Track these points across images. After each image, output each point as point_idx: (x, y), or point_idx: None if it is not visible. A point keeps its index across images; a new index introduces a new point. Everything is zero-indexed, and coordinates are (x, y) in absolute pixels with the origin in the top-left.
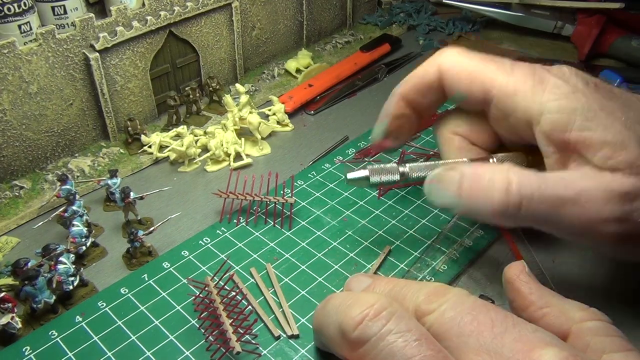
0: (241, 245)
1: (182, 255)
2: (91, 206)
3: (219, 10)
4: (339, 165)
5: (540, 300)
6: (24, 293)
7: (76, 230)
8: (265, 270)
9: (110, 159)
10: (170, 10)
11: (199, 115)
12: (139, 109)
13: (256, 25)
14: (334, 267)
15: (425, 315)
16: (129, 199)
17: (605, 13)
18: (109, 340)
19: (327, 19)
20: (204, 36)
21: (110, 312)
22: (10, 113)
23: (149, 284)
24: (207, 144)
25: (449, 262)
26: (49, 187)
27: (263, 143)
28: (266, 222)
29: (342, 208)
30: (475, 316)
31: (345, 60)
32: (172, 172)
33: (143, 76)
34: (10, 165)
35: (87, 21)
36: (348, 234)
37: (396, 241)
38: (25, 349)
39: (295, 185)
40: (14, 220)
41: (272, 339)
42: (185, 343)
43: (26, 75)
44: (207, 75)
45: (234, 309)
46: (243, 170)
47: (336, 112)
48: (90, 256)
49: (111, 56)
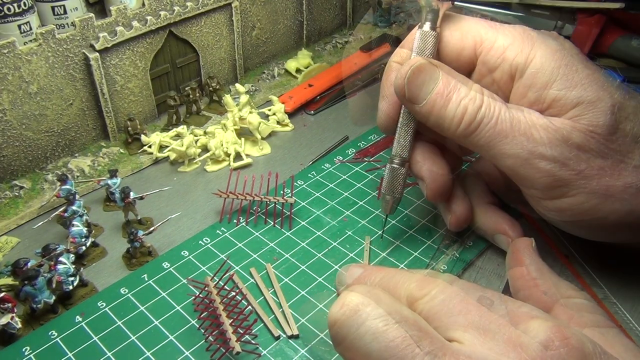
0: (241, 245)
1: (182, 255)
2: (91, 206)
3: (219, 10)
4: (339, 165)
5: (537, 271)
6: (23, 293)
7: (76, 230)
8: (265, 271)
9: (110, 159)
10: (170, 10)
11: (199, 115)
12: (139, 109)
13: (256, 25)
14: (334, 267)
15: (417, 300)
16: (128, 199)
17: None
18: (108, 340)
19: (327, 19)
20: (204, 36)
21: (110, 312)
22: (10, 113)
23: (148, 284)
24: (207, 144)
25: (449, 262)
26: (49, 187)
27: (263, 143)
28: (266, 222)
29: (342, 208)
30: (464, 297)
31: (345, 60)
32: (172, 172)
33: (143, 76)
34: (10, 165)
35: (87, 21)
36: (348, 234)
37: (396, 241)
38: (25, 349)
39: (295, 185)
40: (14, 220)
41: (272, 339)
42: (185, 343)
43: (26, 75)
44: (207, 75)
45: (233, 309)
46: (243, 170)
47: (336, 112)
48: (90, 256)
49: (111, 56)
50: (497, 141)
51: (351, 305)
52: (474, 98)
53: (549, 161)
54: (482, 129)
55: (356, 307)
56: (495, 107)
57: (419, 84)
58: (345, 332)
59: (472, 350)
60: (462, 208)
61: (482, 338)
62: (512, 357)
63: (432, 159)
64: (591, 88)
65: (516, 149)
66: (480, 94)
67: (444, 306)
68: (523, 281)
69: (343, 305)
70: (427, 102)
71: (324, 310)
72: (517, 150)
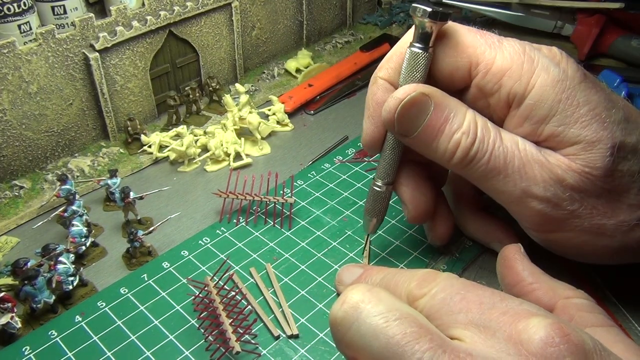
0: (241, 245)
1: (182, 255)
2: (91, 206)
3: (218, 10)
4: (339, 165)
5: (531, 276)
6: (23, 293)
7: (76, 230)
8: (265, 270)
9: (110, 159)
10: (170, 10)
11: (198, 115)
12: (139, 108)
13: (256, 25)
14: (333, 267)
15: (418, 299)
16: (128, 199)
17: (605, 13)
18: (108, 340)
19: (327, 19)
20: (203, 36)
21: (109, 312)
22: (10, 113)
23: (148, 284)
24: (207, 143)
25: (449, 262)
26: (48, 187)
27: (263, 143)
28: (266, 222)
29: (342, 208)
30: (464, 295)
31: (345, 60)
32: (172, 172)
33: (143, 76)
34: (10, 165)
35: (87, 21)
36: (348, 234)
37: (396, 241)
38: (25, 349)
39: (295, 185)
40: (13, 220)
41: (272, 338)
42: (185, 343)
43: (26, 75)
44: (207, 75)
45: (233, 308)
46: (243, 170)
47: (336, 112)
48: (90, 256)
49: (111, 56)
50: (490, 177)
51: (351, 302)
52: (468, 132)
53: (541, 201)
54: (475, 164)
55: (356, 305)
56: (489, 142)
57: (409, 118)
58: (345, 329)
59: (472, 348)
60: (444, 229)
61: (482, 335)
62: (512, 354)
63: (416, 183)
64: (591, 127)
65: (509, 187)
66: (474, 124)
67: (445, 304)
68: (519, 288)
69: (344, 303)
70: (418, 135)
71: (324, 310)
72: (510, 187)
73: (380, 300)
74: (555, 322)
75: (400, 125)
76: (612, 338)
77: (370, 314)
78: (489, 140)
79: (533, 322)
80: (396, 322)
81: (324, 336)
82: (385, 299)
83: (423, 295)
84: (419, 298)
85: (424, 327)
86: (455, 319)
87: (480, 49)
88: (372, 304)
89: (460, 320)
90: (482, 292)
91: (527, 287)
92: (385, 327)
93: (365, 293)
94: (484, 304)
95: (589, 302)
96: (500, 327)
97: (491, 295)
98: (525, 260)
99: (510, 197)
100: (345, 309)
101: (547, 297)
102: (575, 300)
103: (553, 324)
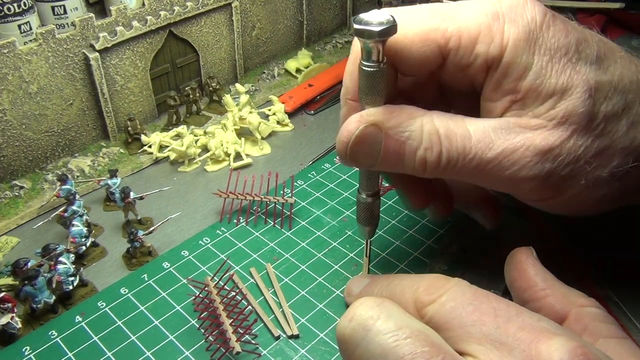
0: (241, 245)
1: (182, 255)
2: (91, 206)
3: (219, 10)
4: (339, 165)
5: (544, 282)
6: (23, 293)
7: (76, 230)
8: (265, 270)
9: (110, 159)
10: (170, 10)
11: (199, 115)
12: (139, 108)
13: (256, 25)
14: (334, 267)
15: (426, 306)
16: (128, 199)
17: (605, 13)
18: (108, 340)
19: (327, 19)
20: (204, 36)
21: (110, 312)
22: (10, 113)
23: (148, 284)
24: (207, 143)
25: (449, 262)
26: (49, 187)
27: (263, 143)
28: (266, 222)
29: (342, 208)
30: (477, 306)
31: (345, 60)
32: (172, 172)
33: (143, 76)
34: (10, 165)
35: (87, 21)
36: (348, 234)
37: (396, 241)
38: (25, 349)
39: (295, 185)
40: (14, 220)
41: (272, 339)
42: (185, 343)
43: (26, 75)
44: (207, 75)
45: (233, 309)
46: (243, 170)
47: (336, 112)
48: (90, 256)
49: (111, 56)
50: (473, 174)
51: (360, 319)
52: (430, 146)
53: (532, 180)
54: (451, 169)
55: (365, 322)
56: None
57: (363, 155)
58: (354, 347)
59: None
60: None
61: (498, 353)
62: None
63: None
64: (565, 73)
65: (493, 181)
66: (435, 135)
67: (456, 315)
68: (531, 293)
69: (352, 318)
70: (380, 164)
71: (324, 310)
72: (495, 181)
73: (390, 317)
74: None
75: (357, 162)
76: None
77: (380, 332)
78: (456, 145)
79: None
80: (407, 341)
81: (324, 336)
82: (395, 314)
83: (431, 302)
84: (427, 305)
85: (436, 345)
86: (468, 331)
87: (442, 26)
88: (382, 321)
89: (473, 333)
90: (496, 303)
91: (539, 293)
92: (395, 346)
93: (374, 308)
94: (499, 317)
95: (602, 312)
96: (517, 345)
97: (506, 307)
98: (537, 264)
99: (499, 185)
100: (354, 326)
101: (560, 304)
102: (589, 309)
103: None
